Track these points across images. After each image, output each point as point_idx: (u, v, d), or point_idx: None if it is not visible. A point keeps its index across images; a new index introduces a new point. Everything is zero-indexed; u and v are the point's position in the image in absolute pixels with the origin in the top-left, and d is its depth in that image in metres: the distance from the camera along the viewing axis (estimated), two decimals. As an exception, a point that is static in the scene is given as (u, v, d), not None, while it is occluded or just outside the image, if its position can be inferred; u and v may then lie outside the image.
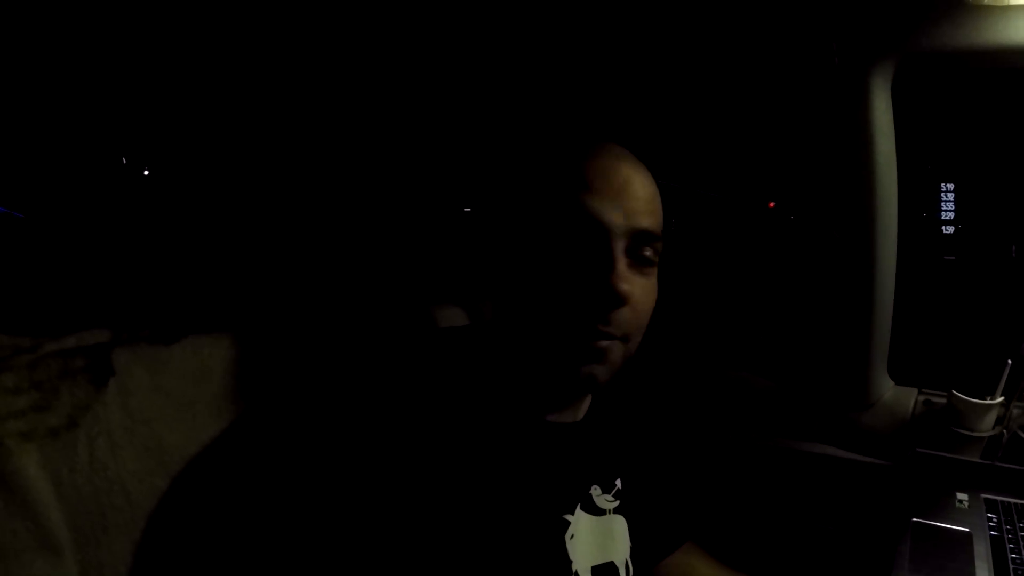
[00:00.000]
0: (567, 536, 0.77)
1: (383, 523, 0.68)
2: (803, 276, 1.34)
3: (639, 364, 1.18)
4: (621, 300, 0.68)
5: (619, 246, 0.70)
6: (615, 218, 0.70)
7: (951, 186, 2.76)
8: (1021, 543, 1.03)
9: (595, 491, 0.83)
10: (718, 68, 1.28)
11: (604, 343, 0.71)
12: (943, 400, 1.28)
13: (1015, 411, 1.23)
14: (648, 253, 0.73)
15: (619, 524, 0.85)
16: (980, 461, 1.22)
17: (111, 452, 0.76)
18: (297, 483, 0.81)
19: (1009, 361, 1.21)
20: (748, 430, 1.43)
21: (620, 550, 0.84)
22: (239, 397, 0.86)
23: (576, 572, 0.77)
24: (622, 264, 0.70)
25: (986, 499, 1.14)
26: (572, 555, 0.77)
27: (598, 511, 0.82)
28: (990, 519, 1.09)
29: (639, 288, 0.72)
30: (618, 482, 0.87)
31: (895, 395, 1.34)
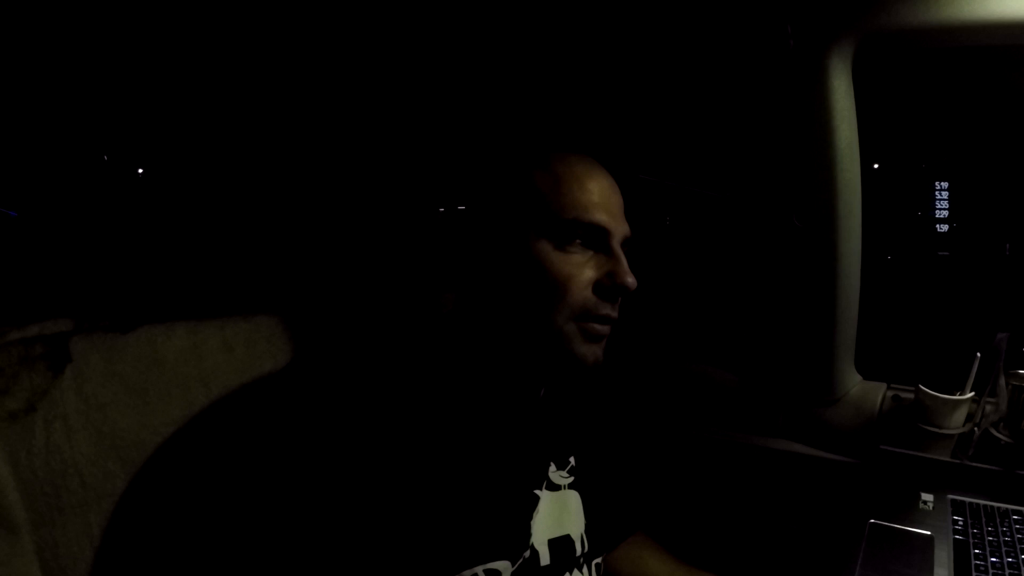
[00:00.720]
0: (534, 512, 0.82)
1: (348, 506, 0.72)
2: (767, 266, 1.31)
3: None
4: (630, 289, 0.80)
5: (618, 246, 0.82)
6: (614, 224, 0.82)
7: (945, 184, 2.72)
8: (987, 547, 0.99)
9: (551, 467, 0.88)
10: (673, 57, 1.27)
11: (607, 328, 0.82)
12: (913, 396, 1.24)
13: (987, 407, 1.19)
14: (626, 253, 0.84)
15: (573, 499, 0.89)
16: (948, 460, 1.19)
17: (66, 436, 0.80)
18: (254, 471, 0.84)
19: (979, 354, 1.17)
20: (709, 424, 1.41)
21: (575, 524, 0.88)
22: (190, 384, 0.89)
23: (533, 544, 0.81)
24: (625, 260, 0.82)
25: (953, 500, 1.11)
26: (532, 528, 0.81)
27: (554, 486, 0.87)
28: (956, 522, 1.05)
29: None
30: (572, 459, 0.91)
31: (862, 390, 1.31)
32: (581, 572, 0.87)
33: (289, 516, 0.73)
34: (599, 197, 0.82)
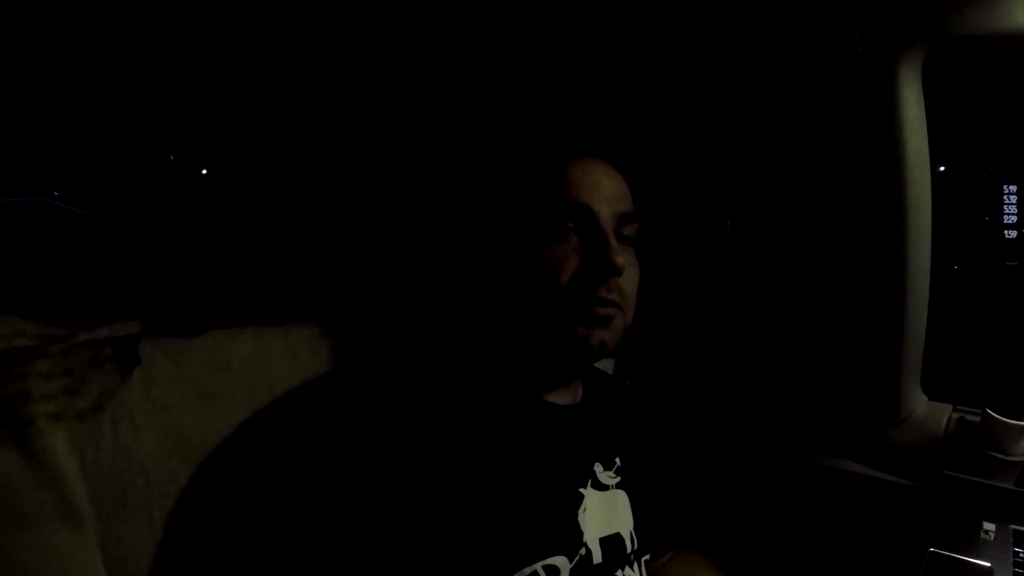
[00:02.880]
0: (580, 510, 0.84)
1: (404, 507, 0.73)
2: (833, 281, 1.26)
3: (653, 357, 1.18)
4: (618, 270, 0.80)
5: (608, 226, 0.83)
6: (602, 206, 0.83)
7: (1014, 188, 2.59)
8: (1049, 581, 0.95)
9: (598, 468, 0.90)
10: (739, 64, 1.23)
11: (609, 310, 0.82)
12: (979, 419, 1.19)
13: (1058, 434, 1.14)
14: (628, 231, 0.86)
15: (621, 498, 0.91)
16: (1014, 488, 1.13)
17: (133, 435, 0.82)
18: (313, 472, 0.85)
19: (1051, 379, 1.13)
20: (770, 440, 1.37)
21: (624, 522, 0.90)
22: (255, 388, 0.91)
23: (586, 543, 0.82)
24: (614, 240, 0.82)
25: (1015, 531, 1.07)
26: (583, 527, 0.83)
27: (602, 486, 0.89)
28: (1016, 553, 1.02)
29: (626, 261, 0.83)
30: (617, 459, 0.93)
31: (927, 411, 1.26)
32: (632, 569, 0.89)
33: (345, 516, 0.75)
34: (584, 180, 0.84)
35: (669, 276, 0.94)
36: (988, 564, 1.00)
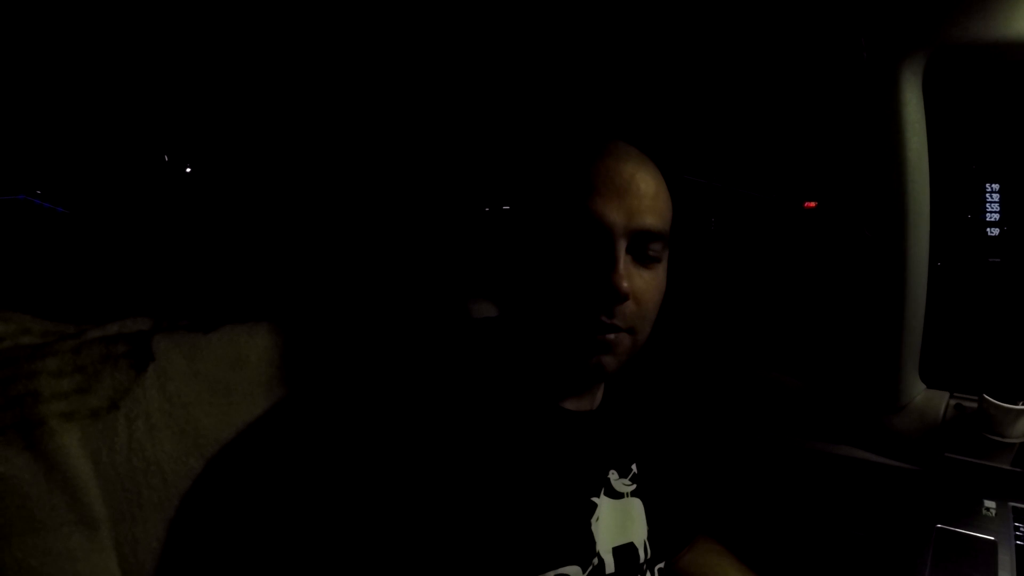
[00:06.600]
0: (593, 519, 0.82)
1: (415, 511, 0.72)
2: (834, 275, 1.29)
3: (659, 356, 1.18)
4: (621, 297, 0.73)
5: (621, 245, 0.75)
6: (617, 218, 0.75)
7: (996, 187, 2.66)
8: (1048, 553, 1.00)
9: (613, 475, 0.88)
10: (750, 64, 1.26)
11: (611, 336, 0.76)
12: (975, 404, 1.23)
13: (1051, 417, 1.19)
14: (652, 251, 0.78)
15: (636, 507, 0.89)
16: (1010, 468, 1.18)
17: (149, 434, 0.80)
18: (329, 472, 0.84)
19: (1044, 364, 1.17)
20: (775, 430, 1.40)
21: (638, 531, 0.88)
22: (273, 384, 0.89)
23: (599, 552, 0.81)
24: (623, 262, 0.75)
25: (1014, 507, 1.11)
26: (596, 536, 0.81)
27: (617, 494, 0.87)
28: (1017, 528, 1.06)
29: (642, 283, 0.78)
30: (634, 467, 0.91)
31: (926, 398, 1.29)
32: None
33: (357, 521, 0.73)
34: (608, 184, 0.75)
35: (675, 271, 0.93)
36: (992, 538, 1.04)
